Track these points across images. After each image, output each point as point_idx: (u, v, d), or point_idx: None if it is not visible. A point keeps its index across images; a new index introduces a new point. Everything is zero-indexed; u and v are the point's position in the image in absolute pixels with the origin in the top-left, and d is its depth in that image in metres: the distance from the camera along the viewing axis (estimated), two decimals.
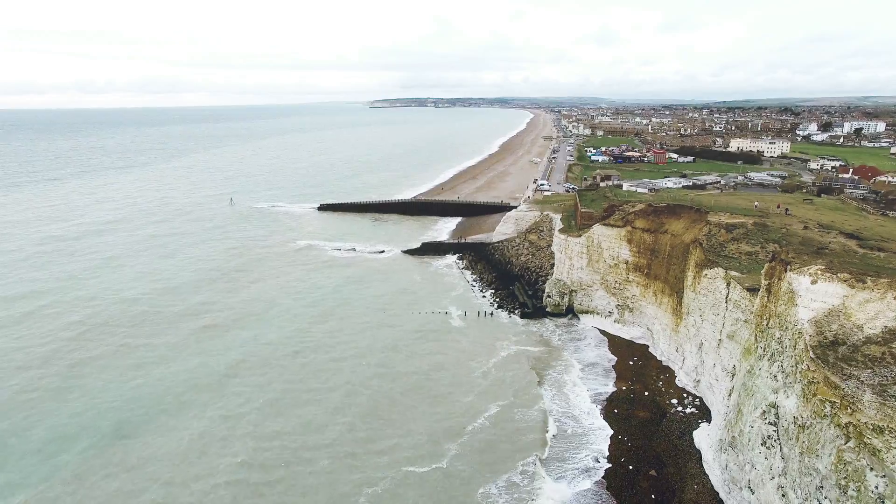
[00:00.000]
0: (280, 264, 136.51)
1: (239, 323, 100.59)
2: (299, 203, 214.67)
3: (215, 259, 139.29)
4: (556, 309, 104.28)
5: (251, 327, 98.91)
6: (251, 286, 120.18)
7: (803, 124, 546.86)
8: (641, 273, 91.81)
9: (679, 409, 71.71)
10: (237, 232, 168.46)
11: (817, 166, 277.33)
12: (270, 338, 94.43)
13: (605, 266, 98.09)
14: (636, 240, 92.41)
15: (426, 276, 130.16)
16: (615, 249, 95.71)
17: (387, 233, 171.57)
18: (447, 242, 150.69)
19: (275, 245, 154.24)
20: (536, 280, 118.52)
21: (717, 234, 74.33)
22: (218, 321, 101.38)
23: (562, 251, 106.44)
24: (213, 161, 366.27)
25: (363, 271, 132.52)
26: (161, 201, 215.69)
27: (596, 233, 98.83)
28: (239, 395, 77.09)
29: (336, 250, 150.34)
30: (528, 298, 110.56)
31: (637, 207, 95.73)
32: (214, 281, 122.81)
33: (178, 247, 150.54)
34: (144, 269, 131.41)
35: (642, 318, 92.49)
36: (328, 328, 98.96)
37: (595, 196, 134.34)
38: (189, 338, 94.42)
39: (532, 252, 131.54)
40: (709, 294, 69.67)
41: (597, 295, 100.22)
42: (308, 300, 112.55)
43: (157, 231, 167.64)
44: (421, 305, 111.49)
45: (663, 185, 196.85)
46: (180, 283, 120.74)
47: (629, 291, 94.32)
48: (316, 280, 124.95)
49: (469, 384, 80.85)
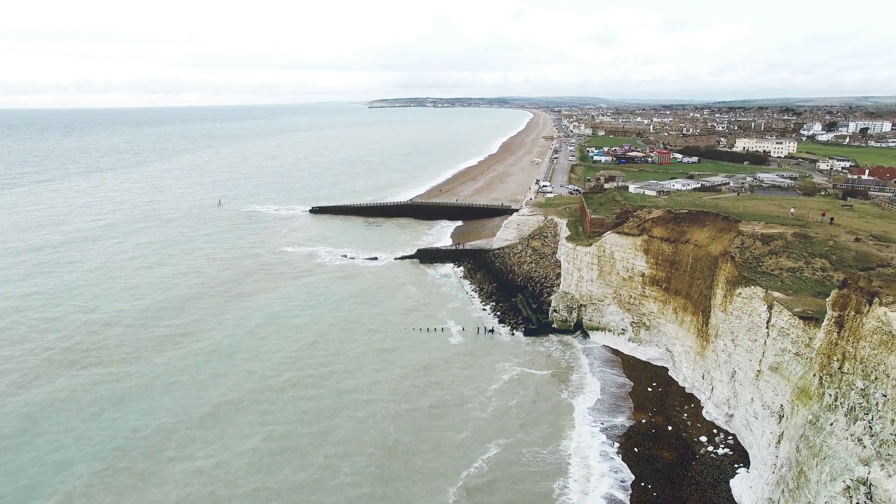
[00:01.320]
0: (265, 276, 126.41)
1: (217, 353, 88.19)
2: (291, 205, 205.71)
3: (197, 272, 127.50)
4: (564, 325, 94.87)
5: (232, 356, 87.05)
6: (233, 304, 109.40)
7: (807, 124, 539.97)
8: (660, 287, 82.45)
9: (710, 448, 62.29)
10: (223, 239, 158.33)
11: (827, 167, 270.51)
12: (252, 368, 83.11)
13: (618, 279, 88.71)
14: (654, 250, 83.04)
15: (422, 286, 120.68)
16: (630, 260, 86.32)
17: (381, 237, 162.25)
18: (444, 249, 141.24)
19: (261, 253, 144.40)
20: (541, 291, 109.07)
21: (751, 247, 64.93)
22: (196, 349, 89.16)
23: (569, 261, 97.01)
24: (207, 161, 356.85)
25: (355, 282, 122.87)
26: (148, 205, 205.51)
27: (608, 242, 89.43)
28: (220, 445, 65.44)
29: (326, 257, 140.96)
30: (533, 313, 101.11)
31: (654, 214, 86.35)
32: (193, 299, 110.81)
33: (160, 258, 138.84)
34: (122, 284, 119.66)
35: (661, 337, 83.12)
36: (317, 356, 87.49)
37: (603, 199, 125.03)
38: (162, 369, 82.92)
39: (535, 260, 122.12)
40: (743, 316, 60.33)
41: (609, 310, 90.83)
42: (295, 321, 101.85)
43: (139, 240, 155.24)
44: (417, 320, 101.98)
45: (671, 186, 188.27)
46: (154, 303, 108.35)
47: (646, 307, 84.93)
48: (303, 295, 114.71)
49: (464, 417, 71.34)
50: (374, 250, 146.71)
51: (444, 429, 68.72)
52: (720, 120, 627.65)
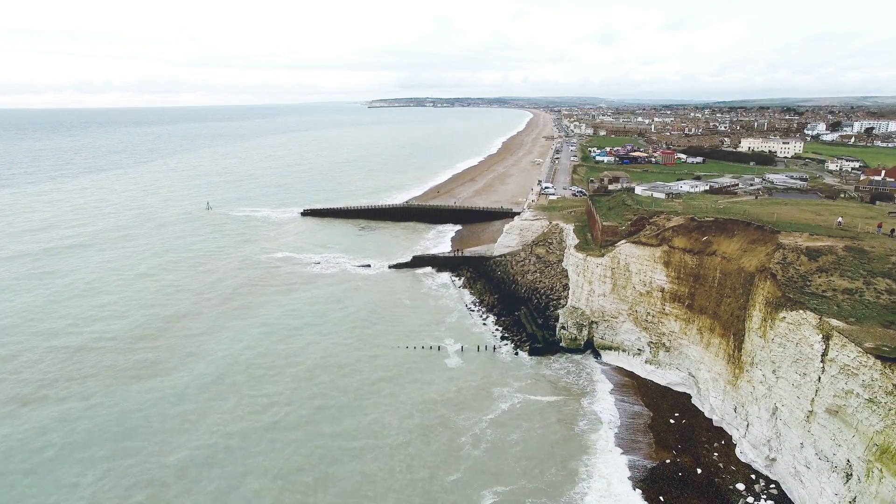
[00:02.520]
0: (249, 286, 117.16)
1: (193, 388, 77.12)
2: (282, 208, 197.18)
3: (179, 287, 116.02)
4: (573, 344, 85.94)
5: (209, 391, 76.27)
6: (213, 326, 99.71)
7: (811, 124, 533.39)
8: (682, 304, 73.57)
9: (750, 500, 53.35)
10: (208, 247, 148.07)
11: (836, 167, 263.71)
12: (228, 407, 73.17)
13: (634, 293, 79.80)
14: (675, 262, 74.16)
15: (418, 297, 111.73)
16: (648, 273, 77.42)
17: (375, 243, 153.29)
18: (442, 256, 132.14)
19: (247, 260, 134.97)
20: (546, 304, 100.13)
21: (795, 262, 56.03)
22: (169, 384, 77.72)
23: (579, 273, 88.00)
24: (201, 162, 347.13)
25: (345, 292, 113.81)
26: (135, 209, 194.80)
27: (623, 252, 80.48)
28: None
29: (316, 265, 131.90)
30: (538, 329, 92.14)
31: (675, 222, 77.41)
32: (172, 319, 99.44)
33: (141, 271, 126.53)
34: (98, 301, 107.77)
35: (683, 360, 74.23)
36: (302, 388, 78.11)
37: (612, 203, 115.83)
38: (127, 406, 72.22)
39: (540, 269, 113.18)
40: (788, 345, 51.51)
41: (623, 328, 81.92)
42: (277, 337, 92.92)
43: (121, 250, 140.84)
44: (411, 336, 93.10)
45: (679, 188, 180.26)
46: (128, 325, 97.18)
47: (666, 326, 76.04)
48: (290, 306, 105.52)
49: (455, 453, 62.28)
50: (368, 257, 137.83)
51: (431, 467, 59.75)
52: (721, 120, 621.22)
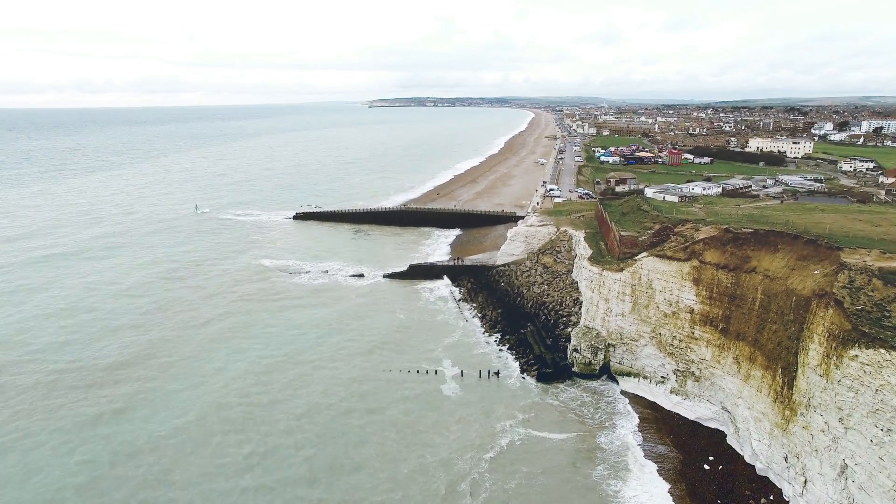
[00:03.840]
0: (231, 298, 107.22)
1: (157, 409, 69.99)
2: (274, 210, 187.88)
3: (156, 301, 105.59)
4: (587, 369, 76.21)
5: (174, 434, 66.79)
6: (190, 340, 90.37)
7: (818, 123, 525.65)
8: (714, 328, 63.89)
9: None
10: (193, 251, 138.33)
11: (850, 168, 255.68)
12: (201, 462, 64.10)
13: (657, 314, 70.12)
14: (707, 280, 64.48)
15: (414, 311, 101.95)
16: (674, 292, 67.74)
17: (369, 249, 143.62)
18: (441, 265, 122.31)
19: (232, 272, 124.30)
20: (556, 322, 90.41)
21: (866, 287, 46.39)
22: (131, 401, 70.61)
23: (594, 289, 78.22)
24: (196, 162, 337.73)
25: (335, 306, 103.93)
26: (121, 214, 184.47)
27: (645, 267, 70.77)
28: None
29: (305, 273, 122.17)
30: (547, 350, 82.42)
31: (705, 232, 67.68)
32: (144, 340, 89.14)
33: (117, 280, 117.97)
34: (61, 323, 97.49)
35: (715, 392, 64.55)
36: (277, 419, 68.83)
37: (626, 208, 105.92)
38: (80, 452, 63.46)
39: (548, 280, 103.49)
40: (864, 391, 41.92)
41: (645, 352, 72.26)
42: (255, 357, 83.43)
43: (101, 262, 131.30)
44: (405, 358, 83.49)
45: (691, 190, 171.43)
46: (96, 352, 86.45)
47: (695, 352, 66.34)
48: (274, 327, 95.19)
49: None
50: (361, 264, 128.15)
51: None
52: (725, 119, 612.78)
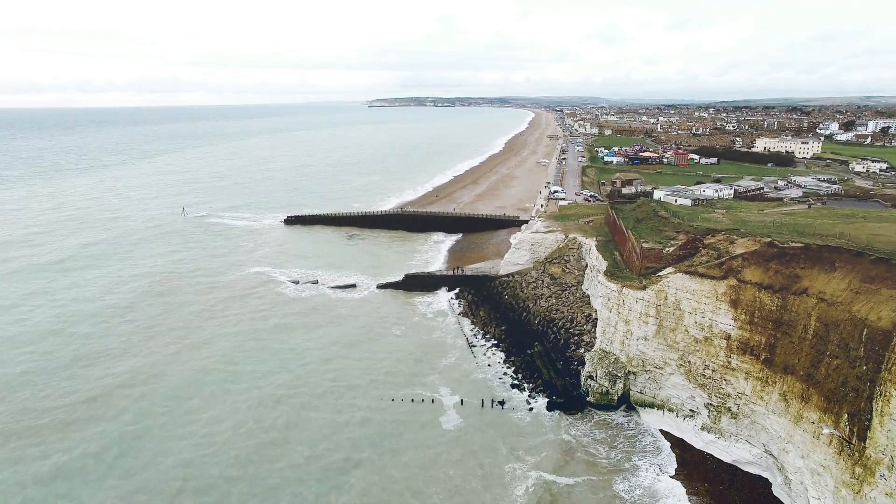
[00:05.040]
0: (211, 313, 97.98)
1: (116, 452, 61.43)
2: (265, 213, 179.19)
3: (126, 314, 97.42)
4: (603, 399, 67.26)
5: (141, 456, 60.30)
6: (160, 360, 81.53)
7: (823, 123, 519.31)
8: (755, 358, 55.00)
9: None
10: (177, 262, 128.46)
11: (862, 168, 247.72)
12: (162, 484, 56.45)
13: (687, 339, 61.18)
14: (746, 302, 55.58)
15: (409, 328, 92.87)
16: (707, 314, 58.84)
17: (363, 256, 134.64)
18: (439, 274, 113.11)
19: (215, 281, 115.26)
20: (567, 341, 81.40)
21: None
22: (97, 453, 62.27)
23: (612, 308, 69.22)
24: (190, 162, 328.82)
25: (324, 324, 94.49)
26: (110, 214, 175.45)
27: (673, 285, 61.81)
28: None
29: (293, 283, 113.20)
30: (557, 375, 73.54)
31: (743, 246, 58.70)
32: (101, 374, 77.99)
33: (93, 291, 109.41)
34: (24, 330, 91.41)
35: (757, 432, 55.67)
36: (250, 460, 60.61)
37: (640, 214, 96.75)
38: None
39: (556, 293, 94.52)
40: None
41: (671, 381, 63.34)
42: (233, 381, 74.83)
43: (80, 274, 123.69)
44: (399, 383, 74.59)
45: (702, 192, 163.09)
46: (58, 365, 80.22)
47: (732, 385, 57.43)
48: (255, 343, 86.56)
49: None
50: (354, 273, 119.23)
51: None
52: (728, 119, 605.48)
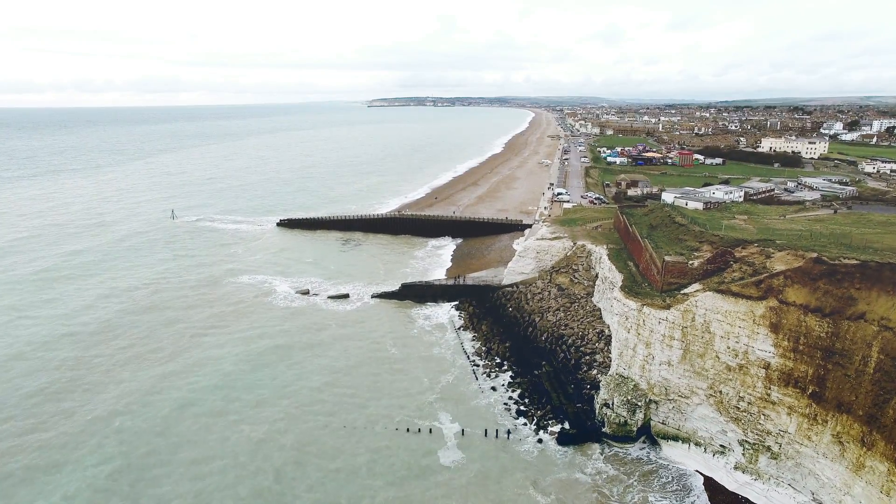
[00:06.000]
0: (196, 331, 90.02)
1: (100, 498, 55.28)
2: (258, 216, 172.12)
3: (99, 327, 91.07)
4: (621, 430, 60.16)
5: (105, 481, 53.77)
6: (138, 383, 74.83)
7: (827, 123, 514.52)
8: (801, 392, 48.00)
9: None
10: (161, 269, 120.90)
11: (873, 169, 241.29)
12: None
13: (718, 366, 54.14)
14: (790, 326, 48.58)
15: (406, 344, 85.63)
16: (742, 339, 51.81)
17: (358, 262, 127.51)
18: (438, 284, 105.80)
19: (202, 291, 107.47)
20: (577, 361, 74.27)
21: None
22: None
23: (631, 329, 62.09)
24: (185, 162, 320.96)
25: (313, 340, 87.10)
26: (96, 220, 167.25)
27: (702, 305, 54.73)
28: None
29: (282, 296, 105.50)
30: (568, 400, 66.44)
31: (783, 261, 51.59)
32: (84, 376, 74.47)
33: (66, 302, 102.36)
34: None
35: (803, 476, 48.62)
36: (232, 485, 54.35)
37: (655, 220, 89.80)
38: None
39: (564, 306, 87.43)
40: None
41: (698, 412, 56.31)
42: (219, 415, 67.78)
43: (61, 286, 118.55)
44: (393, 408, 67.59)
45: (712, 194, 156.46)
46: (18, 393, 73.49)
47: (772, 421, 50.40)
48: (245, 363, 79.34)
49: None
50: (347, 281, 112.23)
51: None
52: (730, 119, 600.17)
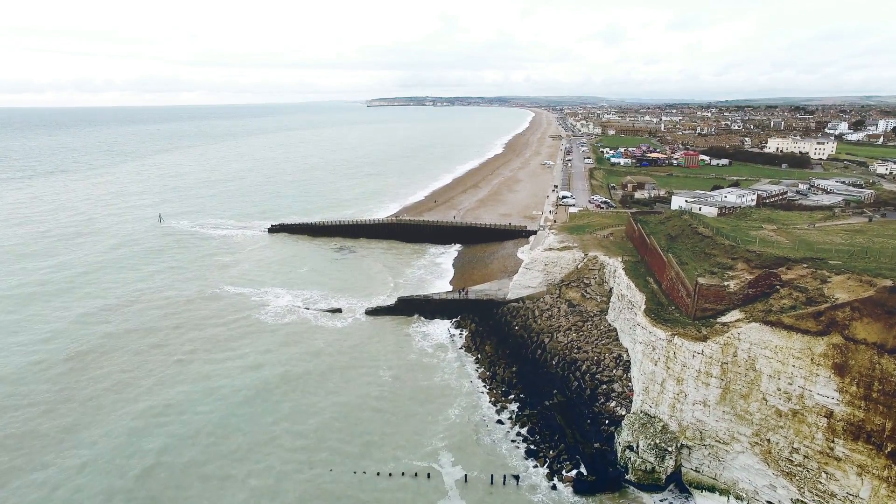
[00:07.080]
0: (174, 356, 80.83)
1: None
2: (249, 220, 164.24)
3: (65, 347, 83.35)
4: (648, 478, 52.01)
5: None
6: (96, 414, 66.90)
7: (832, 123, 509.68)
8: (874, 448, 39.95)
9: None
10: (142, 286, 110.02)
11: (885, 170, 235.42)
12: None
13: (765, 409, 46.05)
14: (859, 369, 40.53)
15: (402, 368, 77.39)
16: (797, 380, 43.75)
17: (352, 271, 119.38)
18: (437, 298, 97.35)
19: (183, 308, 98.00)
20: (593, 390, 66.18)
21: None
22: None
23: (658, 361, 53.87)
24: (180, 163, 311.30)
25: (300, 360, 78.92)
26: (80, 226, 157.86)
27: (746, 338, 46.61)
28: None
29: (271, 311, 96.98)
30: (584, 438, 58.39)
31: (843, 287, 43.45)
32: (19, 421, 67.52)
33: (29, 328, 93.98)
34: None
35: None
36: None
37: (673, 230, 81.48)
38: None
39: (576, 325, 79.29)
40: None
41: (740, 461, 48.24)
42: (173, 458, 59.86)
43: (26, 308, 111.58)
44: (387, 448, 59.41)
45: (724, 198, 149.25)
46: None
47: (837, 482, 42.31)
48: (214, 387, 71.21)
49: None
50: (340, 294, 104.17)
51: None
52: (732, 119, 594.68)
